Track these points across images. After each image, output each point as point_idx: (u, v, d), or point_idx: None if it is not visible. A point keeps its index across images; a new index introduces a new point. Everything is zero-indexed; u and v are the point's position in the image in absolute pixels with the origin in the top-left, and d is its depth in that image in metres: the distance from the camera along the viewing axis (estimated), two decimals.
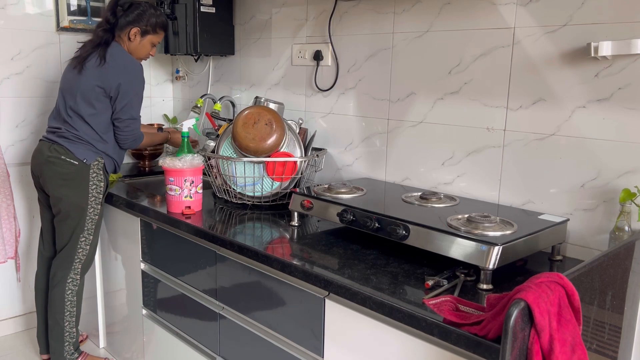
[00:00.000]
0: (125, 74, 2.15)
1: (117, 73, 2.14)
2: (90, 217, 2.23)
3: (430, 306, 1.21)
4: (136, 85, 2.20)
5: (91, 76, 2.14)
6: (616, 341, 1.43)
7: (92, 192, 2.21)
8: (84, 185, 2.19)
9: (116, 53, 2.17)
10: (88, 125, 2.19)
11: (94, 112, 2.18)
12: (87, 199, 2.20)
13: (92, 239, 2.27)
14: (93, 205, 2.22)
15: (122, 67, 2.16)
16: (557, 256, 1.57)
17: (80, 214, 2.21)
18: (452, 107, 1.88)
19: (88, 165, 2.19)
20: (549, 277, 1.07)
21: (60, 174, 2.17)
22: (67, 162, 2.17)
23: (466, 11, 1.80)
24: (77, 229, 2.22)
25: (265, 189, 2.10)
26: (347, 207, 1.66)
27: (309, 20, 2.35)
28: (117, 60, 2.16)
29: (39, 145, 2.25)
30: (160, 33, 2.29)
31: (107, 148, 2.24)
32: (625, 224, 1.45)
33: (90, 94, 2.15)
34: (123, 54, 2.19)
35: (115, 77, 2.14)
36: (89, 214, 2.22)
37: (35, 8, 2.65)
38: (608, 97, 1.52)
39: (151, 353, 2.27)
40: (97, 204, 2.23)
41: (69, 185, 2.18)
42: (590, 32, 1.53)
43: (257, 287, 1.67)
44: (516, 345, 0.99)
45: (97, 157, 2.21)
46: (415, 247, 1.51)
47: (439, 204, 1.70)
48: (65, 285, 2.27)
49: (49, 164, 2.18)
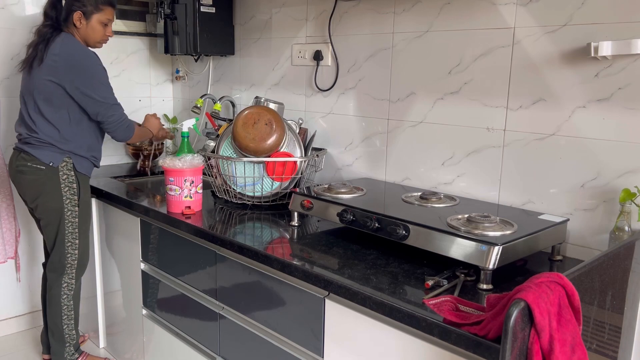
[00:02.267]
0: (77, 69, 2.07)
1: (68, 69, 2.06)
2: (70, 220, 2.19)
3: (430, 306, 1.21)
4: (96, 72, 2.11)
5: (41, 72, 2.06)
6: (616, 341, 1.43)
7: (66, 194, 2.16)
8: (55, 189, 2.14)
9: (63, 45, 2.07)
10: (50, 126, 2.12)
11: (52, 109, 2.10)
12: (62, 203, 2.15)
13: (80, 242, 2.23)
14: (70, 207, 2.17)
15: (71, 55, 2.06)
16: (557, 256, 1.57)
17: (58, 219, 2.17)
18: (452, 107, 1.88)
19: (55, 168, 2.13)
20: (549, 277, 1.07)
21: (30, 181, 2.13)
22: (35, 169, 2.12)
23: (466, 11, 1.80)
24: (59, 234, 2.19)
25: (265, 189, 2.10)
26: (347, 207, 1.66)
27: (309, 20, 2.35)
28: (65, 51, 2.06)
29: (11, 155, 2.22)
30: (106, 9, 2.16)
31: (73, 147, 2.16)
32: (625, 224, 1.45)
33: (45, 90, 2.08)
34: (69, 45, 2.08)
35: (68, 74, 2.06)
36: (67, 217, 2.18)
37: (35, 8, 2.65)
38: (608, 97, 1.52)
39: (151, 353, 2.27)
40: (73, 205, 2.18)
41: (41, 191, 2.13)
42: (590, 32, 1.53)
43: (257, 287, 1.67)
44: (516, 345, 0.99)
45: (63, 158, 2.14)
46: (415, 247, 1.51)
47: (439, 204, 1.70)
48: (60, 290, 2.25)
49: (19, 174, 2.15)
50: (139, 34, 3.01)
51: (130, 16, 2.97)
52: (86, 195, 2.25)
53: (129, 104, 3.04)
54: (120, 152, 3.05)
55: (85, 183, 2.24)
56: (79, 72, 2.07)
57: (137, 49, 3.03)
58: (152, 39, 3.06)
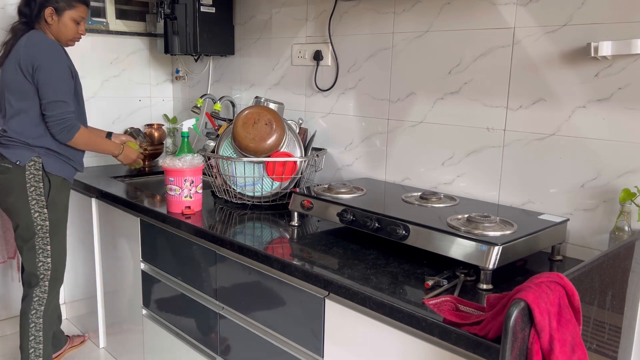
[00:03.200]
0: (39, 51, 2.00)
1: (30, 51, 2.00)
2: (38, 223, 2.06)
3: (430, 306, 1.21)
4: (55, 63, 2.02)
5: (9, 64, 2.03)
6: (616, 341, 1.43)
7: (32, 194, 2.04)
8: (21, 189, 2.04)
9: (29, 36, 2.03)
10: (21, 122, 2.04)
11: (22, 104, 2.03)
12: (27, 204, 2.04)
13: (52, 249, 2.10)
14: (37, 209, 2.06)
15: (35, 44, 2.01)
16: (557, 256, 1.57)
17: (26, 223, 2.06)
18: (452, 107, 1.88)
19: (22, 166, 2.03)
20: (548, 277, 1.07)
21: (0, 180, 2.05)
22: (4, 168, 2.04)
23: (466, 11, 1.80)
24: (28, 240, 2.07)
25: (265, 189, 2.10)
26: (347, 207, 1.66)
27: (309, 20, 2.35)
28: (30, 40, 2.02)
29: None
30: (78, 6, 2.10)
31: (45, 142, 2.06)
32: (625, 224, 1.45)
33: (12, 82, 2.03)
34: (35, 36, 2.04)
35: (29, 55, 1.99)
36: (35, 220, 2.06)
37: None
38: (608, 97, 1.52)
39: (151, 353, 2.27)
40: (41, 207, 2.06)
41: (8, 192, 2.05)
42: (590, 32, 1.53)
43: (257, 287, 1.67)
44: (516, 345, 0.99)
45: (32, 156, 2.04)
46: (415, 247, 1.51)
47: (439, 204, 1.70)
48: (30, 305, 2.09)
49: None
50: (139, 34, 3.01)
51: (130, 16, 2.97)
52: (59, 198, 2.12)
53: (129, 104, 3.04)
54: None
55: (58, 185, 2.11)
56: (39, 58, 2.00)
57: (137, 49, 3.03)
58: (152, 39, 3.06)
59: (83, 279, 2.65)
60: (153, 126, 2.98)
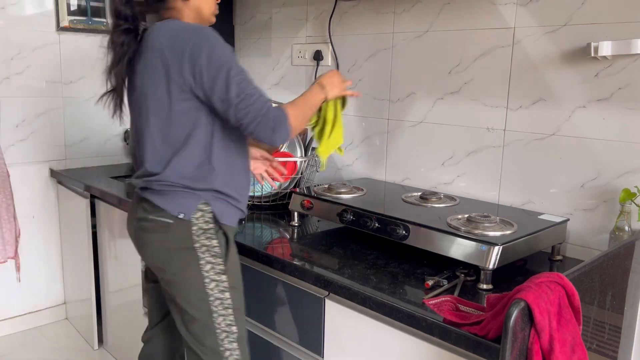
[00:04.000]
0: (193, 39, 1.33)
1: (178, 43, 1.34)
2: (217, 297, 1.43)
3: (430, 306, 1.21)
4: (219, 51, 1.34)
5: (147, 74, 1.39)
6: (616, 341, 1.43)
7: (204, 258, 1.42)
8: (187, 252, 1.41)
9: (160, 28, 1.38)
10: (184, 155, 1.39)
11: (175, 129, 1.38)
12: (199, 273, 1.40)
13: (239, 329, 1.46)
14: (213, 277, 1.42)
15: (180, 33, 1.35)
16: (557, 256, 1.57)
17: (198, 299, 1.41)
18: (452, 107, 1.88)
19: (187, 220, 1.40)
20: (549, 277, 1.07)
21: (153, 243, 1.43)
22: (158, 224, 1.41)
23: (466, 11, 1.80)
24: (202, 324, 1.42)
25: (265, 189, 2.09)
26: (347, 207, 1.66)
27: (309, 20, 2.35)
28: (167, 33, 1.36)
29: (131, 202, 1.54)
30: None
31: (212, 182, 1.41)
32: (625, 224, 1.45)
33: (156, 100, 1.38)
34: (173, 23, 1.39)
35: (180, 48, 1.33)
36: (211, 293, 1.42)
37: (35, 8, 2.65)
38: (608, 97, 1.52)
39: None
40: (218, 273, 1.42)
41: (168, 259, 1.42)
42: (590, 32, 1.53)
43: (257, 287, 1.67)
44: (516, 345, 0.99)
45: (198, 204, 1.41)
46: (415, 247, 1.51)
47: (439, 204, 1.70)
48: None
49: (140, 231, 1.46)
50: None
51: None
52: (236, 257, 1.50)
53: None
54: (120, 152, 3.05)
55: (233, 239, 1.49)
56: (200, 42, 1.33)
57: None
58: None
59: (83, 279, 2.65)
60: None
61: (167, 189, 1.41)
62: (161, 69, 1.35)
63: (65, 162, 2.84)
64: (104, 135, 2.97)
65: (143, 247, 1.47)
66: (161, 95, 1.37)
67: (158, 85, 1.37)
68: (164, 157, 1.41)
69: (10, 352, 2.64)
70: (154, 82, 1.38)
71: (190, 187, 1.41)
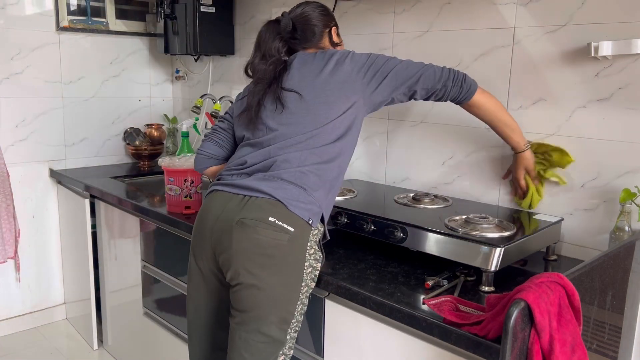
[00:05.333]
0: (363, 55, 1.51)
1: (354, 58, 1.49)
2: (297, 319, 1.37)
3: (430, 306, 1.21)
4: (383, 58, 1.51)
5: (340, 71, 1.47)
6: (616, 341, 1.43)
7: (308, 277, 1.36)
8: (294, 267, 1.33)
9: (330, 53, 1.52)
10: (328, 150, 1.41)
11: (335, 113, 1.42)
12: (297, 292, 1.34)
13: (291, 355, 1.43)
14: (303, 300, 1.37)
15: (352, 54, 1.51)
16: (552, 256, 1.57)
17: (282, 319, 1.34)
18: (452, 107, 1.87)
19: (307, 232, 1.35)
20: (549, 277, 1.07)
21: (260, 246, 1.31)
22: (278, 228, 1.32)
23: (466, 11, 1.80)
24: (269, 348, 1.35)
25: None
26: (340, 209, 1.64)
27: None
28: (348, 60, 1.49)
29: (218, 197, 1.42)
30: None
31: (324, 188, 1.40)
32: (626, 224, 1.45)
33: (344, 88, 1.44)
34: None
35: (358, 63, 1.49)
36: (295, 315, 1.36)
37: (35, 8, 2.65)
38: (608, 97, 1.52)
39: (151, 353, 2.27)
40: (306, 296, 1.38)
41: (272, 266, 1.32)
42: (590, 32, 1.52)
43: None
44: (516, 345, 0.99)
45: (320, 216, 1.38)
46: None
47: (432, 205, 1.68)
48: None
49: (242, 229, 1.33)
50: (139, 34, 3.01)
51: (130, 16, 2.97)
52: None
53: (128, 104, 3.04)
54: (120, 152, 3.05)
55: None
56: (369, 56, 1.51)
57: (137, 48, 3.03)
58: (152, 38, 3.06)
59: (83, 279, 2.65)
60: (153, 126, 2.98)
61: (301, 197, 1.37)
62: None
63: (65, 162, 2.84)
64: (104, 135, 2.97)
65: (239, 245, 1.33)
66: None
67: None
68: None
69: (10, 352, 2.64)
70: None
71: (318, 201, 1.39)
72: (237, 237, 1.33)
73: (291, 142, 1.41)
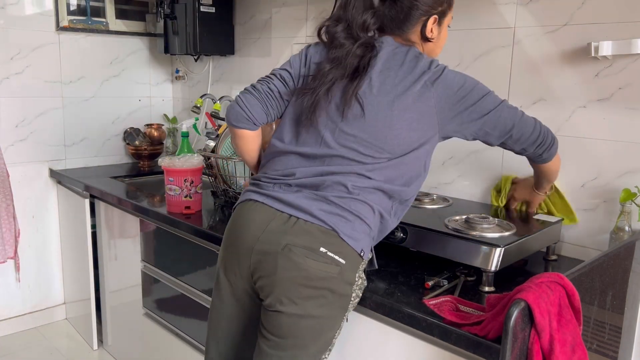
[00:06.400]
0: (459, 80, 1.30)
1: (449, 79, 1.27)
2: (333, 343, 1.27)
3: (430, 306, 1.21)
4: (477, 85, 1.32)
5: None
6: (616, 341, 1.43)
7: (350, 308, 1.27)
8: (343, 298, 1.22)
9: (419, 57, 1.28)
10: (389, 172, 1.24)
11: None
12: (340, 321, 1.25)
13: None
14: (338, 330, 1.27)
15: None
16: (552, 256, 1.57)
17: (323, 345, 1.24)
18: None
19: (359, 263, 1.23)
20: (549, 277, 1.07)
21: (308, 278, 1.18)
22: (329, 260, 1.18)
23: (466, 11, 1.80)
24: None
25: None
26: None
27: (309, 20, 2.35)
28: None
29: (259, 211, 1.26)
30: (452, 4, 1.36)
31: (377, 217, 1.26)
32: (626, 224, 1.45)
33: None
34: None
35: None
36: (330, 344, 1.26)
37: (35, 8, 2.65)
38: (608, 97, 1.52)
39: (151, 353, 2.27)
40: (340, 327, 1.28)
41: (320, 298, 1.19)
42: (590, 32, 1.52)
43: None
44: (516, 345, 0.99)
45: (371, 246, 1.27)
46: None
47: (432, 205, 1.69)
48: None
49: (289, 257, 1.19)
50: (139, 34, 3.01)
51: (130, 16, 2.97)
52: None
53: (128, 104, 3.04)
54: (120, 152, 3.05)
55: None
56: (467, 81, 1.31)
57: (137, 48, 3.03)
58: (152, 38, 3.06)
59: (83, 279, 2.65)
60: (153, 126, 2.98)
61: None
62: None
63: (64, 162, 2.84)
64: (104, 135, 2.97)
65: (285, 273, 1.19)
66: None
67: None
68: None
69: (10, 352, 2.64)
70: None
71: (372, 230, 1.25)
72: (283, 265, 1.18)
73: (349, 167, 1.23)
